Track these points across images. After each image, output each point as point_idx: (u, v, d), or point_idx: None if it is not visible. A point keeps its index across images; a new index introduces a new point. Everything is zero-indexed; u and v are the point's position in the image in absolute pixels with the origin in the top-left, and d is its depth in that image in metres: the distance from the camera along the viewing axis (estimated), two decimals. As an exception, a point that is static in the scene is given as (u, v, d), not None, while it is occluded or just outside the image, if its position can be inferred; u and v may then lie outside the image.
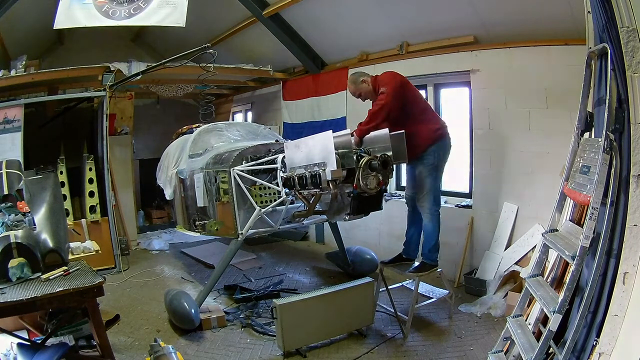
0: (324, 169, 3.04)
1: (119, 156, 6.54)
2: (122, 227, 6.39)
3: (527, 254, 4.02)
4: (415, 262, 3.90)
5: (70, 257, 2.92)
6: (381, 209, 3.57)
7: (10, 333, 2.82)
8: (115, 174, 6.16)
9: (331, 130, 3.07)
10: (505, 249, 4.23)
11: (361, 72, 3.83)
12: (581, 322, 2.09)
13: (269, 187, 3.83)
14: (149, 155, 7.64)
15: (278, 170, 3.62)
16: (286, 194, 3.63)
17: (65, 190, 5.51)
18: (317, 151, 3.11)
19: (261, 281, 4.99)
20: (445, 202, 4.91)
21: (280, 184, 3.61)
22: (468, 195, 4.81)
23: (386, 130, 3.40)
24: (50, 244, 2.68)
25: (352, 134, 3.46)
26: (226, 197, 3.97)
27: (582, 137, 2.51)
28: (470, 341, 3.50)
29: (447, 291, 3.96)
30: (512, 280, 4.11)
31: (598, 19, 2.21)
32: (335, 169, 2.99)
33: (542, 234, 2.57)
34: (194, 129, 5.42)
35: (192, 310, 3.76)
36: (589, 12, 2.47)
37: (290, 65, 6.80)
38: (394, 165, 3.41)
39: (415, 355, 3.36)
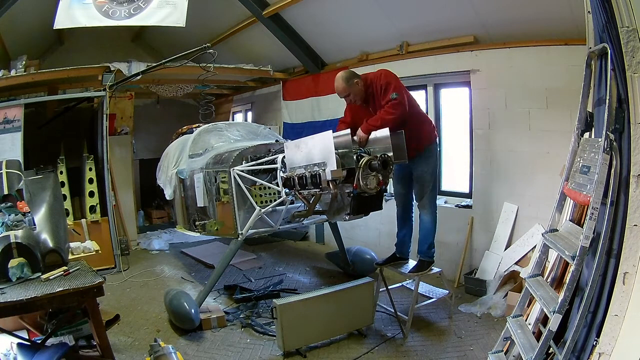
0: (324, 169, 3.03)
1: (119, 156, 6.54)
2: (122, 227, 6.39)
3: (527, 254, 4.02)
4: (411, 261, 3.92)
5: (70, 257, 2.92)
6: (381, 209, 3.57)
7: (10, 333, 2.82)
8: (115, 174, 6.16)
9: (331, 130, 3.07)
10: (505, 249, 4.23)
11: (352, 72, 3.67)
12: (581, 322, 2.09)
13: (269, 187, 3.83)
14: (149, 155, 7.64)
15: (278, 170, 3.62)
16: (286, 194, 3.63)
17: (65, 190, 5.50)
18: (317, 151, 3.11)
19: (261, 281, 4.98)
20: (445, 202, 4.92)
21: (280, 184, 3.61)
22: (468, 195, 4.81)
23: (386, 130, 3.40)
24: (50, 244, 2.68)
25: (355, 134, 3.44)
26: (226, 197, 3.97)
27: (582, 137, 2.51)
28: (470, 341, 3.50)
29: (447, 291, 3.96)
30: (512, 280, 4.11)
31: (598, 19, 2.21)
32: (335, 168, 2.99)
33: (542, 234, 2.57)
34: (194, 129, 5.42)
35: (192, 310, 3.76)
36: (589, 12, 2.47)
37: (290, 65, 6.80)
38: (394, 165, 3.42)
39: (415, 355, 3.36)
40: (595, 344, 2.04)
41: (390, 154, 3.25)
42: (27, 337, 2.94)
